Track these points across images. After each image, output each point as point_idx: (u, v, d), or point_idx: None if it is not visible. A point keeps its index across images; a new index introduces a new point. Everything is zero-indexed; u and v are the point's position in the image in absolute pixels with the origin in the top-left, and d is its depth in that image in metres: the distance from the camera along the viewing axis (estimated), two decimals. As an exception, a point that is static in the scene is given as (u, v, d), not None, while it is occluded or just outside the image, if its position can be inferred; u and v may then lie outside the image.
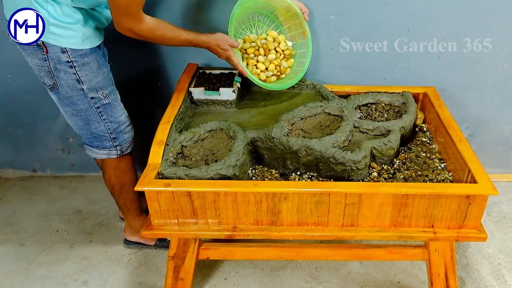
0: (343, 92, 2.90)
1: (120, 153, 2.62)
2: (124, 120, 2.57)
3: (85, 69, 2.29)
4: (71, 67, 2.25)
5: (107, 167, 2.69)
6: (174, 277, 2.48)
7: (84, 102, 2.37)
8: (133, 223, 2.92)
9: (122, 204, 2.84)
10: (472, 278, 2.78)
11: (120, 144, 2.59)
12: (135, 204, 2.86)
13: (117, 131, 2.54)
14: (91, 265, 2.91)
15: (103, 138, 2.53)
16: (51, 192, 3.53)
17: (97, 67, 2.34)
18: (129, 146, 2.66)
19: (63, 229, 3.19)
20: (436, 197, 2.10)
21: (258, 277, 2.80)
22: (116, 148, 2.59)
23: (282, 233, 2.22)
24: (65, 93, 2.33)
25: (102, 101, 2.41)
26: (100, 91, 2.38)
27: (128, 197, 2.81)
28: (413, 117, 2.61)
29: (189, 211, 2.19)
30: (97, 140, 2.54)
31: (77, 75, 2.28)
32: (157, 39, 2.34)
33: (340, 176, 2.33)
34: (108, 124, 2.49)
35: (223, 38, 2.51)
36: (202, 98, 2.72)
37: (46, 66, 2.25)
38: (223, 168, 2.17)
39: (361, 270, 2.83)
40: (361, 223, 2.22)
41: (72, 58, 2.23)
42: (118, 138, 2.57)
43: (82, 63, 2.27)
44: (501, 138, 3.33)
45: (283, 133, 2.39)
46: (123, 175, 2.72)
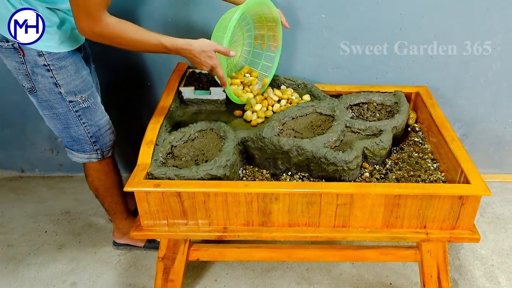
0: (335, 91, 2.88)
1: (101, 157, 2.59)
2: (105, 123, 2.54)
3: (63, 73, 2.25)
4: (48, 70, 2.22)
5: (89, 171, 2.67)
6: (164, 278, 2.46)
7: (63, 105, 2.34)
8: (120, 225, 2.91)
9: (108, 207, 2.83)
10: (465, 279, 2.77)
11: (101, 148, 2.56)
12: (120, 207, 2.84)
13: (97, 135, 2.51)
14: (80, 266, 2.89)
15: (83, 142, 2.50)
16: (39, 193, 3.52)
17: (75, 71, 2.30)
18: (110, 149, 2.63)
19: (52, 230, 3.17)
20: (429, 197, 2.09)
21: (249, 279, 2.79)
22: (96, 152, 2.56)
23: (273, 234, 2.20)
24: (43, 97, 2.30)
25: (81, 105, 2.37)
26: (79, 94, 2.34)
27: (112, 200, 2.79)
28: (405, 117, 2.60)
29: (179, 211, 2.17)
30: (77, 143, 2.51)
31: (54, 79, 2.25)
32: (123, 42, 2.09)
33: (331, 177, 2.31)
34: (87, 127, 2.45)
35: (210, 44, 2.23)
36: (192, 98, 2.70)
37: (23, 69, 2.22)
38: (213, 169, 2.15)
39: (353, 271, 2.82)
40: (352, 224, 2.20)
41: (49, 61, 2.20)
42: (99, 142, 2.54)
43: (59, 67, 2.23)
44: (494, 138, 3.32)
45: (274, 133, 2.37)
46: (105, 178, 2.69)
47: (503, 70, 2.98)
